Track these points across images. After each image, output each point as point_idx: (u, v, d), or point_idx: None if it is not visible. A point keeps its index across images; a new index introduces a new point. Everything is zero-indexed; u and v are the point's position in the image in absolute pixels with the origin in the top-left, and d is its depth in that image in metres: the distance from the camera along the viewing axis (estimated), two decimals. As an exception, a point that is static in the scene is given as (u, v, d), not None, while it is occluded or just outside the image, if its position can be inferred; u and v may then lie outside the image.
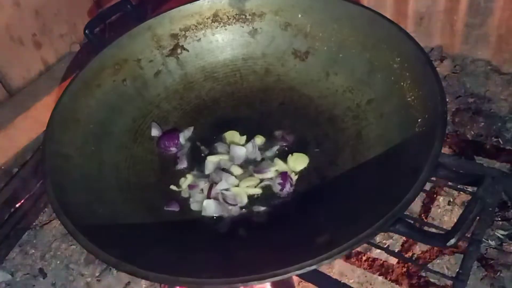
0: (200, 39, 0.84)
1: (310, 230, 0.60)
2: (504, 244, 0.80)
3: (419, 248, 0.80)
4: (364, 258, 0.80)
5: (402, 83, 0.69)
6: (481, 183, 0.46)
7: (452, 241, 0.42)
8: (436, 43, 1.11)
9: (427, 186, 0.88)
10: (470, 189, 0.70)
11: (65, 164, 0.66)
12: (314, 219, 0.62)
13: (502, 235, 0.81)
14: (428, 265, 0.78)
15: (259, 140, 0.74)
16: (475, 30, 1.04)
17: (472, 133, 0.96)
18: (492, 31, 1.02)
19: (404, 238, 0.80)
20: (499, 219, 0.83)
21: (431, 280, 0.76)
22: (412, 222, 0.49)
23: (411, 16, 1.08)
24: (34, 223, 0.96)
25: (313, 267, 0.46)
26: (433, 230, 0.68)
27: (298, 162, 0.71)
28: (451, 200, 0.85)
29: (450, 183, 0.75)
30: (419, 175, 0.51)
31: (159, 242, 0.58)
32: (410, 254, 0.80)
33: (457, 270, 0.58)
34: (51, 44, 1.06)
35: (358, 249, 0.81)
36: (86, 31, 0.77)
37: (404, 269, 0.78)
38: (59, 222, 0.57)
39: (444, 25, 1.07)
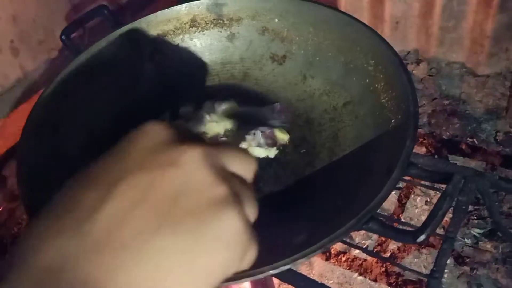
0: (178, 44, 0.85)
1: (287, 231, 0.61)
2: (480, 242, 0.82)
3: (396, 247, 0.81)
4: (343, 258, 0.81)
5: (376, 85, 0.70)
6: (450, 180, 0.47)
7: (422, 237, 0.43)
8: (412, 46, 1.14)
9: (404, 186, 0.89)
10: (446, 188, 0.72)
11: (41, 171, 0.65)
12: (291, 220, 0.63)
13: (478, 233, 0.83)
14: (406, 263, 0.79)
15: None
16: (449, 33, 1.06)
17: (448, 134, 0.98)
18: (466, 34, 1.05)
19: (381, 238, 0.81)
20: (475, 217, 0.85)
21: (409, 278, 0.77)
22: (385, 220, 0.50)
23: (387, 21, 1.10)
24: (13, 232, 0.95)
25: (288, 266, 0.46)
26: (409, 228, 0.69)
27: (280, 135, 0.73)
28: (428, 200, 0.87)
29: (426, 183, 0.77)
30: (392, 174, 0.52)
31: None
32: (388, 253, 0.81)
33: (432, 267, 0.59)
34: (29, 50, 1.06)
35: (338, 249, 0.82)
36: (63, 37, 0.77)
37: (383, 269, 0.79)
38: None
39: (419, 29, 1.09)
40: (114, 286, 0.24)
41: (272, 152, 0.72)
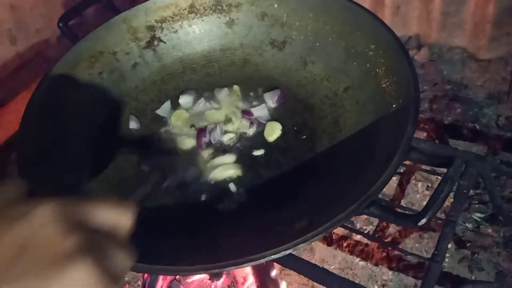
0: (177, 30, 0.84)
1: (288, 216, 0.61)
2: (481, 226, 0.82)
3: (397, 233, 0.82)
4: (345, 244, 0.81)
5: (377, 70, 0.69)
6: (451, 164, 0.47)
7: (423, 220, 0.43)
8: (413, 31, 1.13)
9: (405, 171, 0.89)
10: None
11: (41, 160, 0.65)
12: (292, 206, 0.63)
13: (479, 217, 0.83)
14: (407, 248, 0.79)
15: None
16: (451, 18, 1.05)
17: (449, 119, 0.97)
18: (468, 19, 1.03)
19: (382, 224, 0.81)
20: (476, 202, 0.85)
21: (411, 263, 0.78)
22: (385, 204, 0.50)
23: (388, 6, 1.09)
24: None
25: (289, 251, 0.46)
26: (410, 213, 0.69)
27: (272, 130, 0.73)
28: (429, 185, 0.87)
29: (427, 168, 0.77)
30: (393, 159, 0.52)
31: (135, 231, 0.58)
32: (389, 239, 0.81)
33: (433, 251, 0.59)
34: (27, 39, 1.05)
35: (340, 234, 0.82)
36: (60, 24, 0.76)
37: (384, 254, 0.79)
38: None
39: (420, 14, 1.08)
40: None
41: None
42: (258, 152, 0.72)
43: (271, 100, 0.77)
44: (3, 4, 0.97)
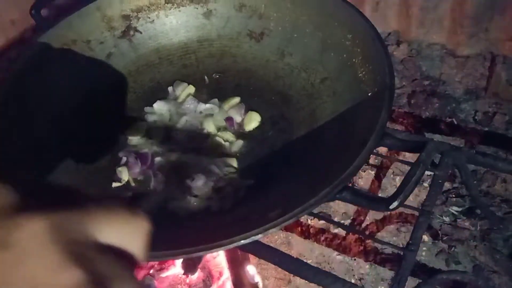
0: (153, 20, 0.83)
1: (263, 205, 0.60)
2: (458, 220, 0.82)
3: (374, 227, 0.81)
4: (322, 238, 0.80)
5: (354, 60, 0.69)
6: (424, 148, 0.46)
7: (395, 203, 0.42)
8: (392, 27, 1.13)
9: (382, 165, 0.89)
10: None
11: (11, 149, 0.64)
12: (268, 195, 0.62)
13: (456, 211, 0.83)
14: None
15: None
16: (430, 13, 1.05)
17: (427, 114, 0.97)
18: (446, 14, 1.04)
19: (359, 218, 0.81)
20: (453, 195, 0.85)
21: (388, 256, 0.77)
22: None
23: (367, 1, 1.09)
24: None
25: (260, 235, 0.45)
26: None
27: (250, 120, 0.73)
28: (407, 178, 0.87)
29: (405, 160, 0.76)
30: (367, 144, 0.51)
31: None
32: (367, 233, 0.80)
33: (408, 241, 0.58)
34: (2, 30, 1.02)
35: (318, 228, 0.81)
36: (33, 11, 0.74)
37: (361, 247, 0.78)
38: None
39: (400, 10, 1.08)
40: None
41: None
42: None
43: (238, 114, 0.75)
44: (-23, -5, 0.95)
